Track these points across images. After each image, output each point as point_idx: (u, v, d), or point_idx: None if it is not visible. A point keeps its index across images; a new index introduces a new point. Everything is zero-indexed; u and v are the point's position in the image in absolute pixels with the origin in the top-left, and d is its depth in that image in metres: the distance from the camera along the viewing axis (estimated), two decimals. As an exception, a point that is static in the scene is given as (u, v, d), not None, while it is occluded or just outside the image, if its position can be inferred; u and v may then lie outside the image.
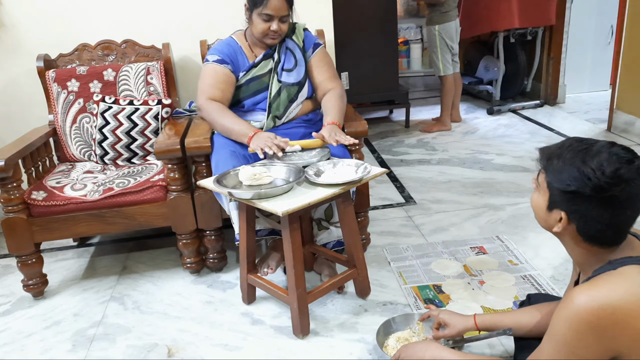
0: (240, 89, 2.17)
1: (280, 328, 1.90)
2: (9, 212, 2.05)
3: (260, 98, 2.18)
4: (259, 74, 2.17)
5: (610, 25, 4.72)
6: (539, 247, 2.31)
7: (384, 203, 2.90)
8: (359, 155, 2.18)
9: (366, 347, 1.76)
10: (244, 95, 2.18)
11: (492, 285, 2.03)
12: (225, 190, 1.75)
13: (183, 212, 2.14)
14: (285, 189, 1.73)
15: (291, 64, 2.20)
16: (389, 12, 4.12)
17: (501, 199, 2.82)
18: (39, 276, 2.19)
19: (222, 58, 2.14)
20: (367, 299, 2.02)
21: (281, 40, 2.20)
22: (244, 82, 2.17)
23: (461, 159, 3.47)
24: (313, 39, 2.28)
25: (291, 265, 1.75)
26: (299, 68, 2.20)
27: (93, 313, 2.08)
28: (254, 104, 2.19)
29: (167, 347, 1.85)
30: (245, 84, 2.17)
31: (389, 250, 2.37)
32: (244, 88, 2.17)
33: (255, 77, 2.17)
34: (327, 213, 2.13)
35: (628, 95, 3.63)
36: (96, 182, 2.18)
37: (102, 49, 2.54)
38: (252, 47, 2.21)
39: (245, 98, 2.18)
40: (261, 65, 2.18)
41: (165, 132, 2.24)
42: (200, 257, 2.27)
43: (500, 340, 1.74)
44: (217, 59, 2.14)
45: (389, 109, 4.73)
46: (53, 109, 2.46)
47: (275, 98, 2.15)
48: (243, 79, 2.17)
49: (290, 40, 2.22)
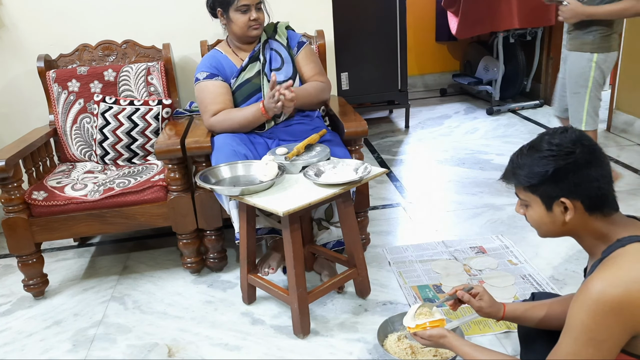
0: (234, 95, 2.21)
1: (280, 328, 1.90)
2: (10, 212, 2.05)
3: (255, 100, 2.19)
4: (248, 77, 2.20)
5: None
6: (539, 246, 2.31)
7: (384, 203, 2.90)
8: (358, 155, 2.18)
9: (366, 346, 1.77)
10: (238, 101, 2.21)
11: (491, 285, 2.04)
12: (224, 190, 1.76)
13: (183, 212, 2.14)
14: (266, 186, 1.77)
15: (278, 63, 2.23)
16: (389, 13, 4.12)
17: (501, 198, 2.82)
18: (40, 276, 2.19)
19: (211, 72, 2.19)
20: (367, 299, 2.02)
21: (264, 41, 2.24)
22: (236, 88, 2.21)
23: (461, 159, 3.47)
24: (297, 37, 2.30)
25: (291, 265, 1.75)
26: (286, 66, 2.24)
27: (93, 313, 2.08)
28: None
29: (168, 346, 1.85)
30: (237, 89, 2.21)
31: (388, 250, 2.37)
32: (237, 93, 2.21)
33: (246, 81, 2.20)
34: (327, 213, 2.14)
35: (627, 95, 3.64)
36: (97, 182, 2.18)
37: (102, 49, 2.54)
38: (237, 52, 2.25)
39: (241, 103, 2.21)
40: (249, 68, 2.21)
41: (166, 132, 2.24)
42: (201, 257, 2.28)
43: (501, 340, 1.74)
44: (207, 75, 2.18)
45: (389, 109, 4.73)
46: (53, 109, 2.47)
47: None
48: (234, 84, 2.20)
49: (274, 41, 2.26)
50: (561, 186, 1.16)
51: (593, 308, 1.07)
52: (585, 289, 1.10)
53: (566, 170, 1.15)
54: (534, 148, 1.20)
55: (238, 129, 2.13)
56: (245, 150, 2.05)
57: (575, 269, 2.13)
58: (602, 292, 1.06)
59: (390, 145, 3.90)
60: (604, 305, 1.06)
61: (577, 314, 1.10)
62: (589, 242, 1.23)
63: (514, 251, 2.28)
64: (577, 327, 1.10)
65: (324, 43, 2.54)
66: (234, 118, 2.12)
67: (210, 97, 2.16)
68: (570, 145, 1.15)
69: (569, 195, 1.16)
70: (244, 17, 2.13)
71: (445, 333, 1.40)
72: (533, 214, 1.24)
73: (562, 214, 1.18)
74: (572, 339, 1.11)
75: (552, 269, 2.14)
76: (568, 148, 1.15)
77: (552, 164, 1.16)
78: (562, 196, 1.17)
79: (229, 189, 1.81)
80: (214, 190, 1.85)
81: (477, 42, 5.09)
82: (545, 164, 1.16)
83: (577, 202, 1.16)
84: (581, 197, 1.16)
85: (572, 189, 1.16)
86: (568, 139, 1.16)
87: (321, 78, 2.28)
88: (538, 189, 1.19)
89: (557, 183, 1.16)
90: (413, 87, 5.47)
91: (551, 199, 1.18)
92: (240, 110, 2.15)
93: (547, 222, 1.22)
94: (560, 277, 2.08)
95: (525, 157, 1.21)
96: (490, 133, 4.00)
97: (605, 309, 1.06)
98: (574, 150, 1.15)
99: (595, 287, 1.08)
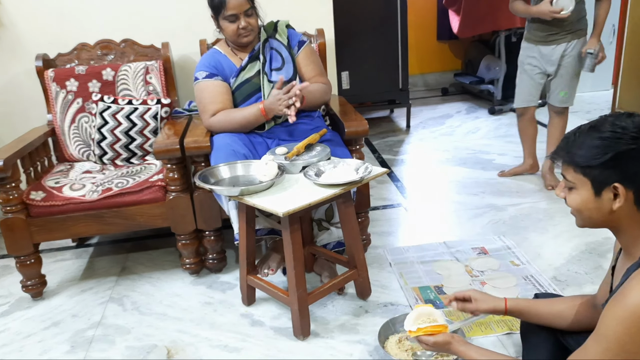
0: (234, 94, 2.19)
1: (280, 329, 1.89)
2: (8, 213, 2.04)
3: (254, 100, 2.17)
4: (247, 76, 2.18)
5: (612, 25, 4.70)
6: (541, 247, 2.30)
7: (385, 203, 2.88)
8: (359, 155, 2.17)
9: (367, 348, 1.75)
10: (238, 100, 2.19)
11: (493, 286, 2.02)
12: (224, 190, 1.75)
13: (182, 212, 2.13)
14: (266, 186, 1.75)
15: (279, 63, 2.21)
16: (390, 12, 4.10)
17: (503, 199, 2.80)
18: (38, 277, 2.18)
19: (210, 72, 2.17)
20: (368, 300, 2.01)
21: (264, 40, 2.21)
22: (236, 87, 2.19)
23: (462, 159, 3.45)
24: (298, 36, 2.28)
25: (291, 267, 1.74)
26: (287, 66, 2.21)
27: (92, 314, 2.07)
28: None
29: (167, 348, 1.83)
30: (237, 88, 2.19)
31: (389, 251, 2.35)
32: (237, 93, 2.19)
33: (245, 81, 2.18)
34: (327, 213, 2.12)
35: (630, 95, 3.62)
36: (95, 182, 2.17)
37: (101, 48, 2.53)
38: (236, 52, 2.23)
39: (241, 102, 2.19)
40: (249, 68, 2.19)
41: (165, 131, 2.23)
42: (200, 258, 2.26)
43: (503, 342, 1.72)
44: (206, 74, 2.16)
45: (390, 108, 4.72)
46: (52, 109, 2.45)
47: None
48: (234, 84, 2.18)
49: (274, 40, 2.24)
50: (618, 172, 1.09)
51: (629, 322, 1.03)
52: (623, 299, 1.05)
53: (628, 156, 1.08)
54: (595, 128, 1.12)
55: (237, 129, 2.12)
56: (244, 150, 2.03)
57: (577, 270, 2.11)
58: (639, 305, 1.02)
59: (391, 145, 3.89)
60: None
61: (611, 324, 1.06)
62: (629, 239, 1.16)
63: (516, 252, 2.27)
64: (609, 338, 1.06)
65: (324, 42, 2.52)
66: (233, 119, 2.11)
67: (209, 97, 2.14)
68: (635, 130, 1.08)
69: (623, 182, 1.10)
70: (232, 26, 2.11)
71: (449, 339, 1.39)
72: (577, 198, 1.16)
73: (610, 202, 1.12)
74: (603, 349, 1.07)
75: (554, 270, 2.13)
76: (634, 133, 1.08)
77: (614, 147, 1.08)
78: (615, 181, 1.10)
79: (229, 189, 1.80)
80: (213, 191, 1.84)
81: (478, 41, 5.08)
82: (606, 145, 1.09)
83: (630, 192, 1.10)
84: (636, 187, 1.10)
85: (629, 176, 1.09)
86: (635, 124, 1.09)
87: (322, 79, 2.26)
88: (592, 172, 1.12)
89: (614, 168, 1.09)
90: (414, 86, 5.45)
91: (602, 184, 1.11)
92: (240, 110, 2.13)
93: (592, 207, 1.15)
94: (562, 278, 2.06)
95: (584, 136, 1.13)
96: (492, 133, 3.98)
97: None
98: (638, 136, 1.07)
99: (634, 300, 1.03)
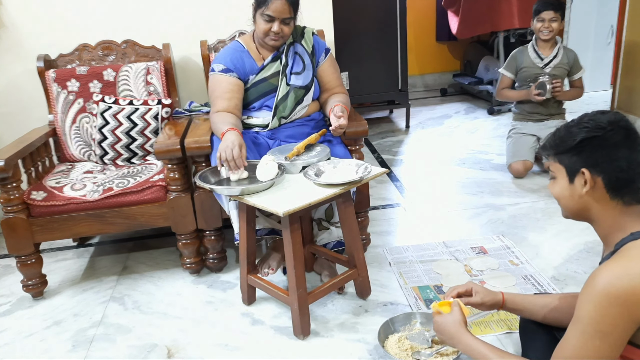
0: (249, 91, 2.18)
1: (280, 328, 1.89)
2: (9, 212, 2.05)
3: (267, 99, 2.18)
4: (265, 75, 2.18)
5: (610, 25, 4.72)
6: (540, 247, 2.31)
7: (384, 203, 2.89)
8: (359, 155, 2.18)
9: (366, 347, 1.76)
10: (252, 97, 2.18)
11: (493, 286, 2.02)
12: (223, 189, 1.76)
13: (183, 212, 2.14)
14: (266, 186, 1.76)
15: (299, 68, 2.20)
16: (389, 13, 4.11)
17: (502, 199, 2.82)
18: (39, 276, 2.18)
19: (227, 67, 2.15)
20: (368, 300, 2.01)
21: (290, 44, 2.20)
22: (252, 85, 2.17)
23: (461, 159, 3.46)
24: (323, 45, 2.28)
25: (292, 266, 1.74)
26: (306, 72, 2.20)
27: (93, 313, 2.07)
28: (262, 104, 2.20)
29: (167, 347, 1.84)
30: (253, 86, 2.17)
31: (389, 250, 2.36)
32: (252, 90, 2.18)
33: (263, 80, 2.17)
34: (327, 213, 2.13)
35: (628, 95, 3.63)
36: (96, 182, 2.18)
37: (102, 49, 2.54)
38: (260, 49, 2.20)
39: (255, 100, 2.19)
40: (268, 67, 2.18)
41: (165, 132, 2.24)
42: (200, 258, 2.27)
43: (502, 341, 1.73)
44: (222, 68, 2.14)
45: (389, 108, 4.73)
46: (53, 109, 2.46)
47: (282, 100, 2.16)
48: (252, 81, 2.17)
49: (300, 45, 2.22)
50: (584, 157, 1.18)
51: (598, 300, 1.07)
52: (592, 281, 1.10)
53: (592, 143, 1.16)
54: (573, 122, 1.23)
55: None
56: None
57: (576, 269, 2.12)
58: (607, 283, 1.07)
59: (391, 145, 3.90)
60: (608, 296, 1.06)
61: (584, 305, 1.11)
62: (605, 229, 1.22)
63: (515, 251, 2.28)
64: (583, 319, 1.10)
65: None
66: (214, 124, 2.06)
67: (219, 91, 2.13)
68: (604, 122, 1.17)
69: (590, 168, 1.17)
70: (265, 26, 2.08)
71: (465, 327, 1.40)
72: (556, 186, 1.25)
73: (582, 186, 1.19)
74: (579, 332, 1.11)
75: (553, 269, 2.14)
76: (601, 124, 1.17)
77: (580, 134, 1.18)
78: (583, 167, 1.17)
79: (229, 188, 1.80)
80: (214, 190, 1.85)
81: (477, 41, 5.09)
82: (575, 133, 1.19)
83: (597, 178, 1.17)
84: (603, 174, 1.16)
85: (594, 163, 1.16)
86: (605, 118, 1.18)
87: (343, 89, 2.30)
88: (564, 158, 1.21)
89: (580, 154, 1.18)
90: (413, 87, 5.46)
91: (574, 171, 1.20)
92: (222, 122, 2.03)
93: (567, 195, 1.23)
94: (561, 277, 2.07)
95: (563, 129, 1.24)
96: (490, 133, 3.99)
97: (610, 300, 1.06)
98: (605, 127, 1.16)
99: (602, 279, 1.08)
